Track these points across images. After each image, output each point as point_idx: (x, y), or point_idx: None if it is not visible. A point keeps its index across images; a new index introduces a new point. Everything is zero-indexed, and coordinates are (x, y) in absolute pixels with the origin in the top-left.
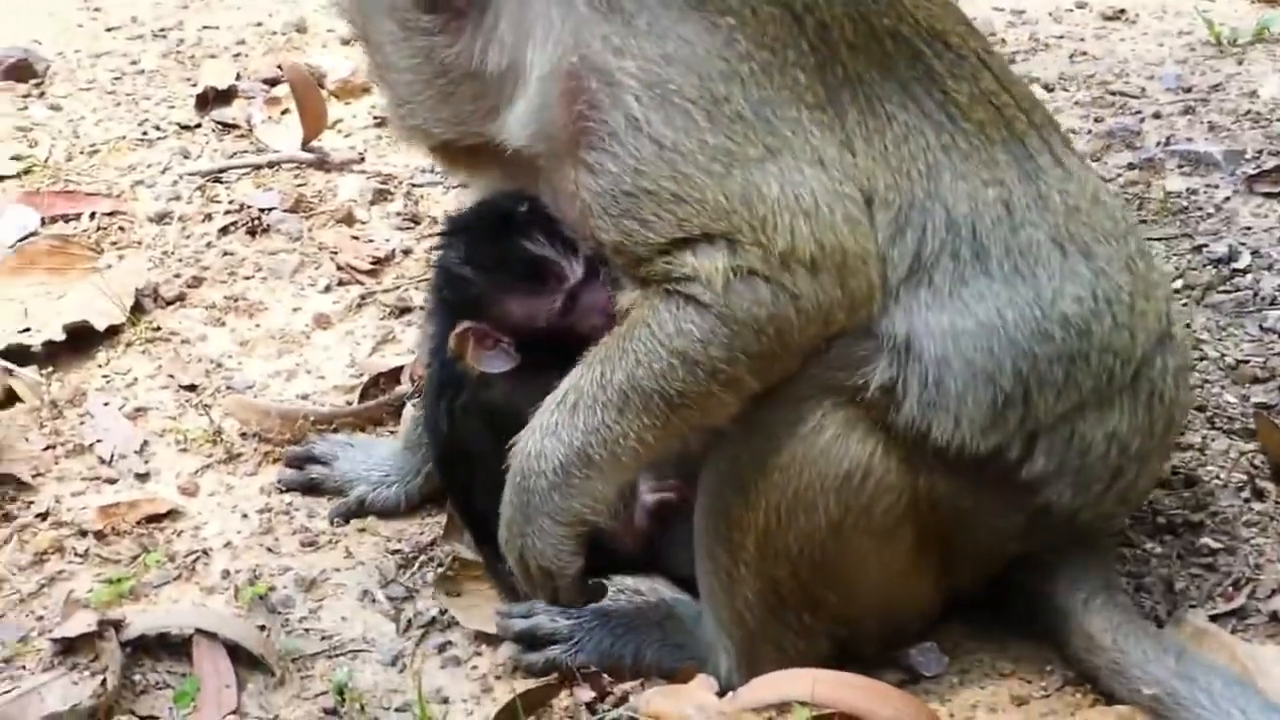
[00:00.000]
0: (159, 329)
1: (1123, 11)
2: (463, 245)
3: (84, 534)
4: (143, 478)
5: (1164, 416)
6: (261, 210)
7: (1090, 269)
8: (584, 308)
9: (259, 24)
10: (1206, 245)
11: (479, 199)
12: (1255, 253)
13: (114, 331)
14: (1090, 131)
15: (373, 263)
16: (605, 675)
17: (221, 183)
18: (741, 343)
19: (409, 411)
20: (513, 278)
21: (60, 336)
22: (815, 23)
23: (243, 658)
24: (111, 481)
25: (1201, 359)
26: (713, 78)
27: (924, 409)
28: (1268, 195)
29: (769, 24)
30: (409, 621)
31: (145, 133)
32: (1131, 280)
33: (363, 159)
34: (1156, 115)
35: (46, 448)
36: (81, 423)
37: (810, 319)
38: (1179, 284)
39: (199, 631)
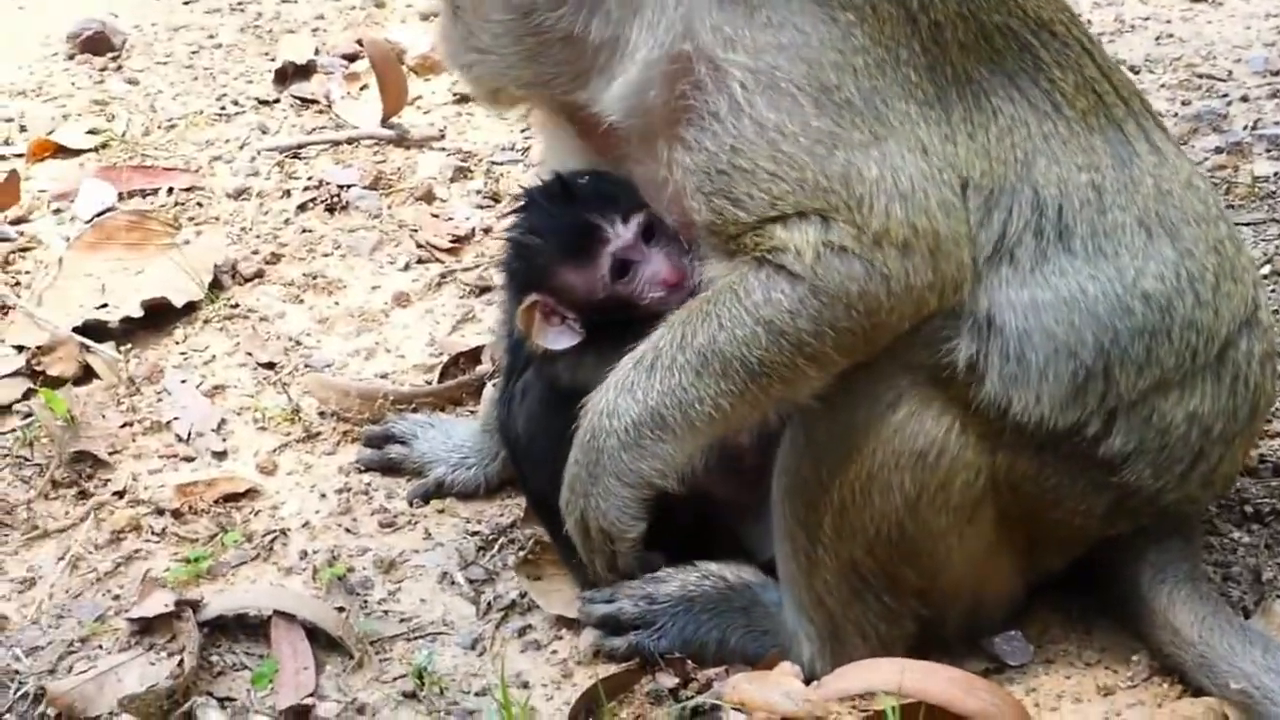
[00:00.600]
0: (237, 306)
1: None
2: (531, 215)
3: (161, 512)
4: (220, 456)
5: (1248, 401)
6: (340, 187)
7: (1175, 250)
8: (642, 279)
9: None
10: None
11: (550, 173)
12: None
13: (192, 308)
14: (1177, 115)
15: (452, 241)
16: (688, 661)
17: (300, 159)
18: (830, 317)
19: (489, 392)
20: (564, 244)
21: (138, 313)
22: (929, 23)
23: (321, 639)
24: (189, 460)
25: None
26: (824, 67)
27: (1004, 384)
28: None
29: (886, 23)
30: (489, 604)
31: (223, 107)
32: (1218, 262)
33: (443, 136)
34: (1244, 99)
35: (124, 425)
36: (159, 400)
37: (900, 300)
38: (1266, 269)
39: (277, 613)
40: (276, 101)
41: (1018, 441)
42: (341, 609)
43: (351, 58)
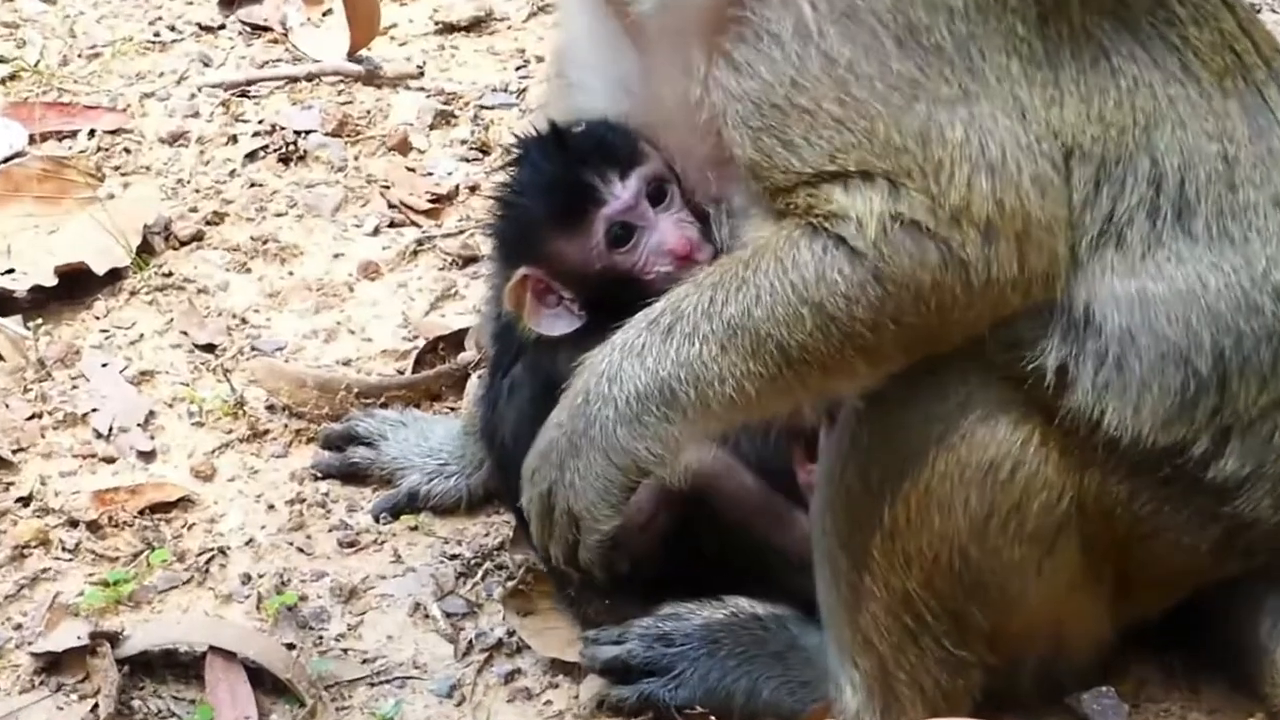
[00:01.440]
0: (171, 275)
1: None
2: (521, 170)
3: (74, 524)
4: (147, 457)
5: None
6: (298, 133)
7: None
8: (645, 249)
9: None
10: None
11: (539, 125)
12: None
13: (116, 276)
14: None
15: (432, 200)
16: (711, 717)
17: (249, 97)
18: (894, 308)
19: (473, 386)
20: (553, 206)
21: (51, 281)
22: None
23: (266, 682)
24: (109, 461)
25: None
26: (914, 2)
27: (1098, 393)
28: None
29: None
30: (470, 644)
31: (158, 34)
32: None
33: (421, 73)
34: None
35: (31, 417)
36: (74, 387)
37: (978, 295)
38: None
39: (213, 649)
40: (221, 28)
41: (1109, 460)
42: (291, 646)
43: None
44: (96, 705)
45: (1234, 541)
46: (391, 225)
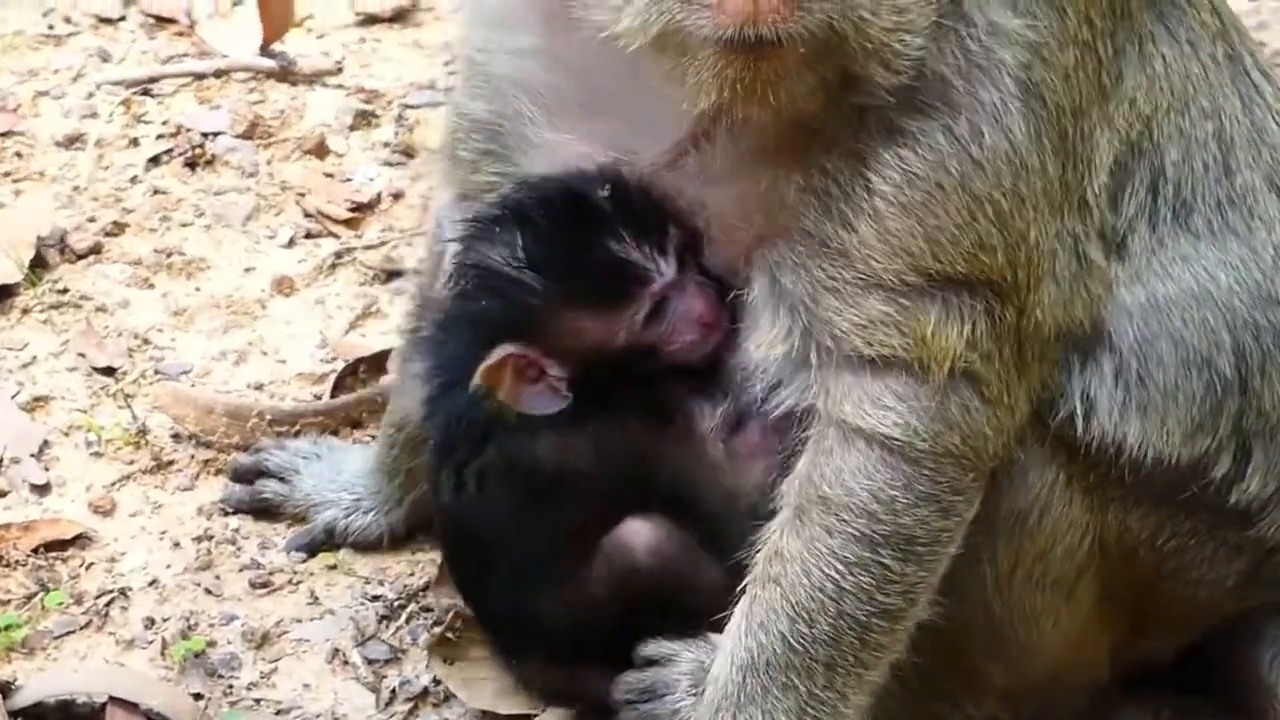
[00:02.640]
0: (66, 291)
1: None
2: (520, 238)
3: None
4: (41, 490)
5: None
6: (205, 135)
7: None
8: (675, 317)
9: None
10: None
11: (542, 176)
12: None
13: (6, 293)
14: None
15: (351, 209)
16: None
17: (152, 96)
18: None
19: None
20: (589, 286)
21: None
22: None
23: None
24: (0, 495)
25: None
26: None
27: (1121, 415)
28: None
29: None
30: (393, 693)
31: (52, 26)
32: None
33: (340, 69)
34: None
35: None
36: None
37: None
38: None
39: (113, 700)
40: (122, 20)
41: (1132, 494)
42: (199, 696)
43: None
44: None
45: (1259, 573)
46: (308, 236)
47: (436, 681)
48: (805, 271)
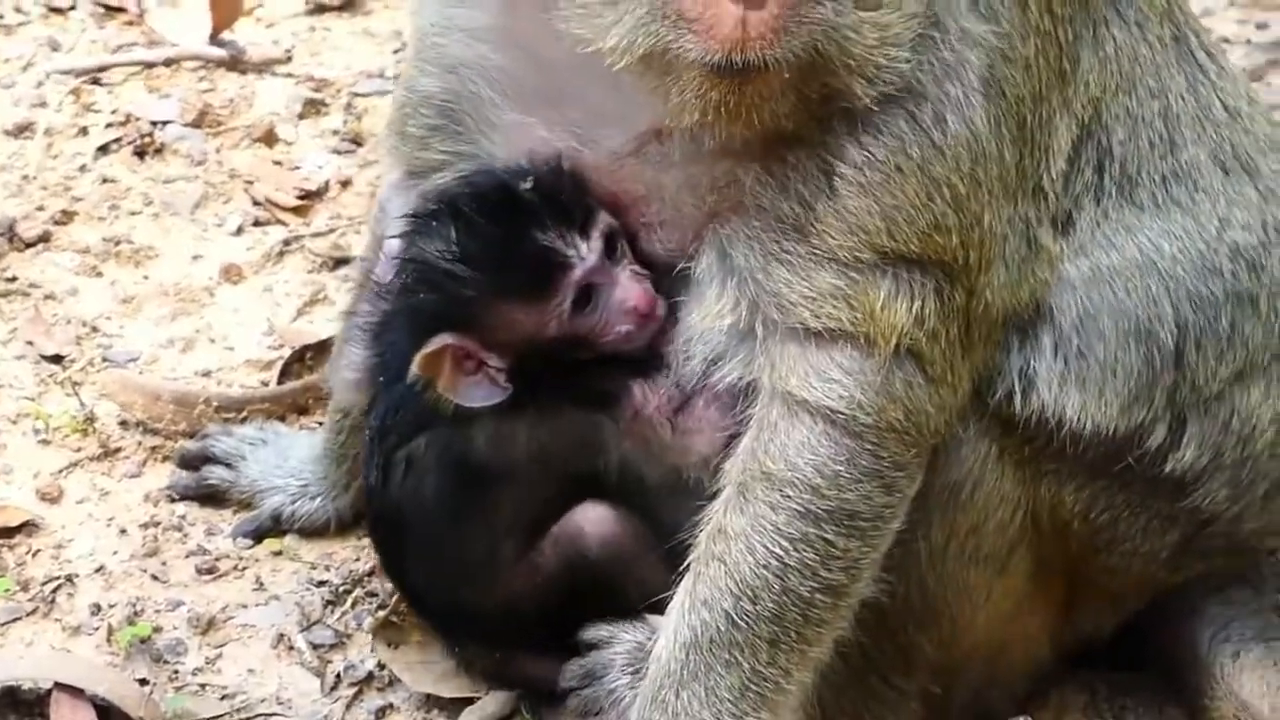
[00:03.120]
0: (14, 279)
1: None
2: (453, 232)
3: None
4: None
5: None
6: (154, 123)
7: (1257, 190)
8: (607, 307)
9: None
10: None
11: (471, 172)
12: None
13: None
14: (1250, 41)
15: (300, 197)
16: None
17: (101, 85)
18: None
19: (333, 412)
20: (513, 277)
21: None
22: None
23: None
24: None
25: None
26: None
27: (1060, 389)
28: None
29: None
30: (338, 677)
31: (1, 15)
32: None
33: (289, 57)
34: None
35: None
36: None
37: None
38: None
39: (59, 686)
40: (71, 9)
41: (1064, 466)
42: (144, 681)
43: None
44: None
45: (1191, 544)
46: (256, 224)
47: (381, 666)
48: (759, 244)
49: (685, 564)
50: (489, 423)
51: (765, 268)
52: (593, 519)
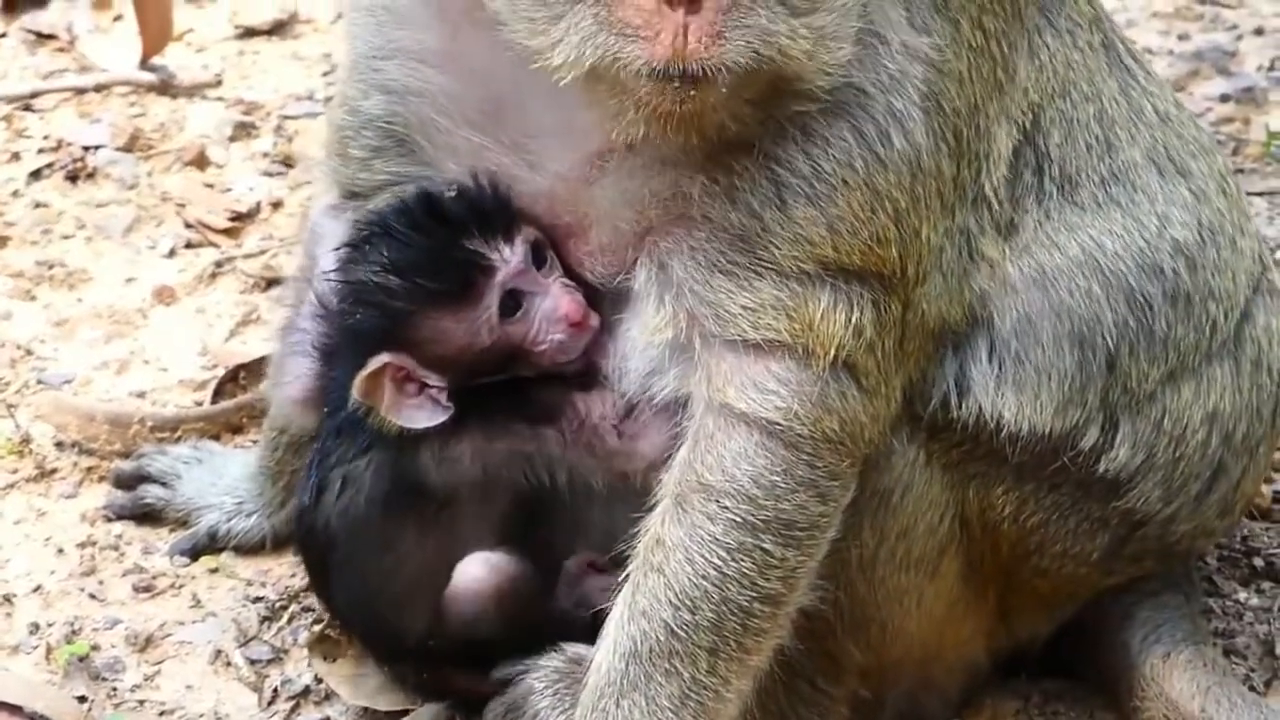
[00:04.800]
0: None
1: None
2: (386, 248)
3: None
4: None
5: (1273, 394)
6: (86, 148)
7: (1191, 191)
8: (538, 316)
9: None
10: None
11: (400, 194)
12: None
13: None
14: (1172, 52)
15: (231, 219)
16: None
17: (33, 111)
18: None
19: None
20: (443, 282)
21: None
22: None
23: None
24: None
25: None
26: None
27: (995, 394)
28: None
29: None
30: (275, 692)
31: None
32: (1228, 205)
33: (219, 81)
34: (1258, 32)
35: None
36: None
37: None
38: None
39: None
40: (3, 36)
41: (992, 469)
42: (83, 699)
43: None
44: None
45: (1123, 548)
46: (188, 246)
47: (318, 680)
48: (701, 256)
49: (622, 575)
50: (434, 445)
51: (707, 280)
52: (479, 577)
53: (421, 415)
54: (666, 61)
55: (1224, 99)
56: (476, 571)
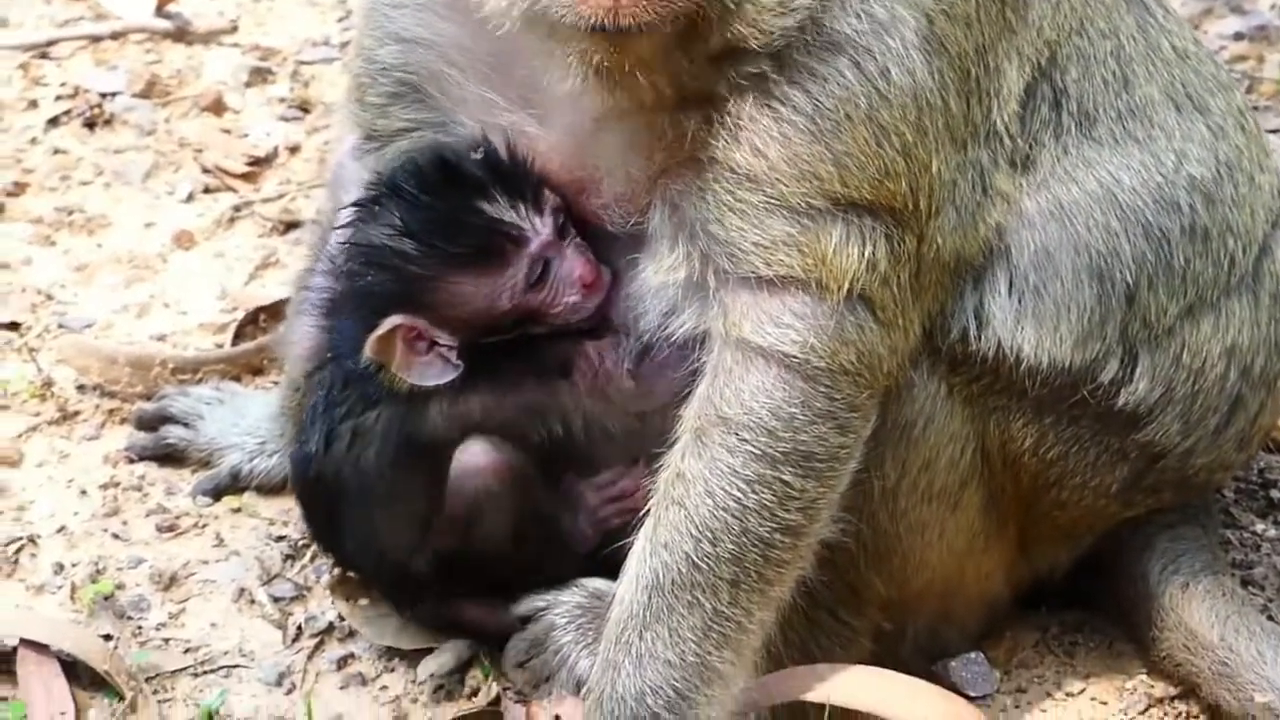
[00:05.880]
0: None
1: None
2: (398, 210)
3: None
4: None
5: None
6: (103, 95)
7: (1209, 128)
8: (557, 280)
9: None
10: None
11: (413, 154)
12: None
13: None
14: None
15: (249, 163)
16: None
17: (50, 59)
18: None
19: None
20: (465, 249)
21: None
22: None
23: (82, 676)
24: None
25: None
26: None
27: (1014, 327)
28: None
29: None
30: (299, 629)
31: None
32: (1246, 141)
33: (235, 28)
34: None
35: None
36: None
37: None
38: None
39: (24, 642)
40: None
41: (1012, 403)
42: (109, 637)
43: None
44: None
45: (1142, 480)
46: (206, 191)
47: (341, 618)
48: (712, 196)
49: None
50: (442, 401)
51: (719, 219)
52: (479, 452)
53: (432, 373)
54: (595, 18)
55: (1238, 37)
56: (476, 449)
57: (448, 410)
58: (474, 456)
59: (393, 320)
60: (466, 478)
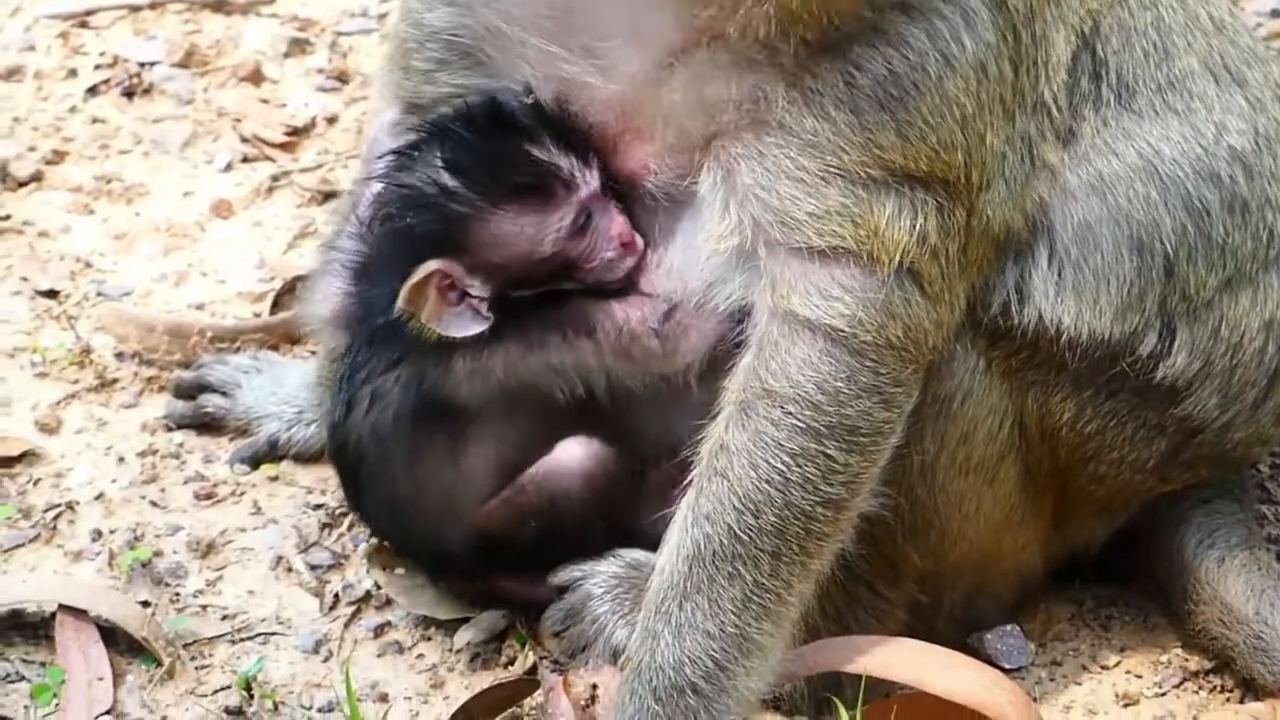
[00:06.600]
0: (8, 217)
1: None
2: (441, 150)
3: None
4: None
5: None
6: (142, 64)
7: (1247, 100)
8: (596, 232)
9: None
10: None
11: (462, 100)
12: None
13: None
14: None
15: (287, 133)
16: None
17: (89, 28)
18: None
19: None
20: (515, 185)
21: None
22: None
23: (120, 642)
24: None
25: None
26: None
27: (1055, 300)
28: None
29: None
30: (336, 597)
31: None
32: None
33: None
34: None
35: None
36: None
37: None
38: None
39: (63, 608)
40: None
41: (1051, 376)
42: (146, 603)
43: None
44: None
45: (1179, 455)
46: (244, 161)
47: (378, 586)
48: (771, 161)
49: (683, 482)
50: (466, 355)
51: (774, 186)
52: (578, 456)
53: (461, 323)
54: None
55: (1275, 14)
56: (575, 449)
57: (470, 365)
58: (570, 457)
59: (429, 265)
60: (553, 476)
